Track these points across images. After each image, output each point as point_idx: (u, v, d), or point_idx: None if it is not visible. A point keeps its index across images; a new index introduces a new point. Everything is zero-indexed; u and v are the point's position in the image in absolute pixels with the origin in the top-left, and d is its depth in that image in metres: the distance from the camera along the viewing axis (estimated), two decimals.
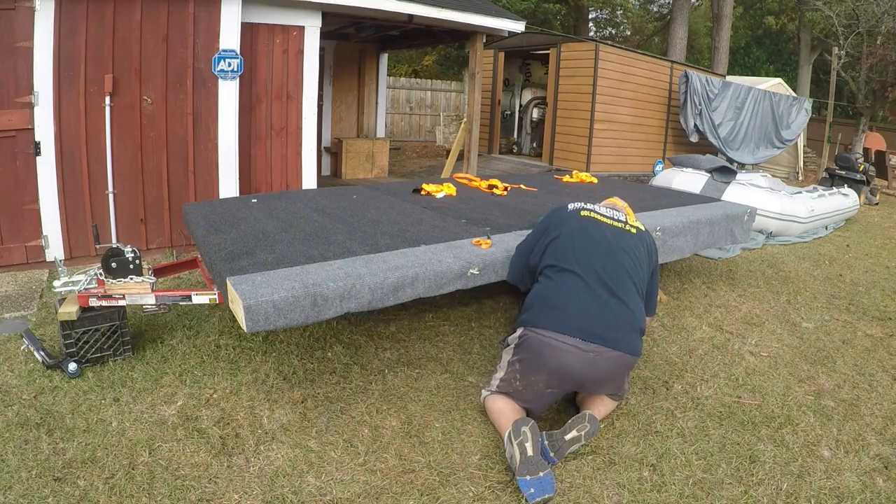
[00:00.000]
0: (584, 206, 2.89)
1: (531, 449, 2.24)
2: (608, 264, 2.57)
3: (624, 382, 2.67)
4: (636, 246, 2.73)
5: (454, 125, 14.87)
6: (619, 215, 2.88)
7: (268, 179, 5.56)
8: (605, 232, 2.70)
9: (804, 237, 6.90)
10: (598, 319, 2.43)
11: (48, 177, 4.35)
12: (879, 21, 14.75)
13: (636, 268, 2.65)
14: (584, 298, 2.47)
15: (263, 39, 5.25)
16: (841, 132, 16.29)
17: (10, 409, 2.61)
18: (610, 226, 2.76)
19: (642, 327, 2.57)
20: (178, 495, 2.15)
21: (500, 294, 4.23)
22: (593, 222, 2.75)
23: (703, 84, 9.86)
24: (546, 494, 2.15)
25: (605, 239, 2.66)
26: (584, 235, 2.68)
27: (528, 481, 2.17)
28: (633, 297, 2.56)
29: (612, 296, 2.49)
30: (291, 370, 3.06)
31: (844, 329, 4.07)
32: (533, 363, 2.46)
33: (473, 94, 7.19)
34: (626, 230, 2.77)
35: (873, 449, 2.64)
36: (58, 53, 4.21)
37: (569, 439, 2.33)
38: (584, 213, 2.81)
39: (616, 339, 2.42)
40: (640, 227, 2.87)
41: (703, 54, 24.54)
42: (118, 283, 2.93)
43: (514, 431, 2.30)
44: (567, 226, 2.75)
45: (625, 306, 2.50)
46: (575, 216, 2.80)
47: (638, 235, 2.79)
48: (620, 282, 2.54)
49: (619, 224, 2.79)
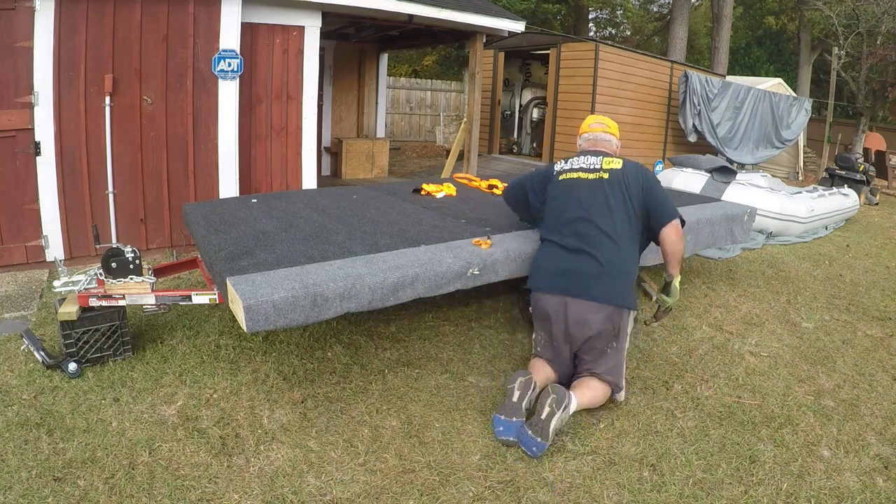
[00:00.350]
0: (563, 166, 3.09)
1: (517, 397, 2.55)
2: (581, 222, 2.83)
3: (611, 338, 2.73)
4: (614, 186, 2.88)
5: (454, 125, 14.88)
6: (594, 162, 3.01)
7: (268, 179, 5.56)
8: (578, 190, 2.94)
9: (804, 237, 6.89)
10: (567, 274, 2.75)
11: (48, 177, 4.35)
12: (879, 21, 14.74)
13: (616, 212, 2.82)
14: (558, 258, 2.83)
15: (263, 39, 5.25)
16: (841, 132, 16.29)
17: (10, 409, 2.61)
18: (584, 181, 2.95)
19: (624, 273, 2.77)
20: (178, 495, 2.15)
21: (500, 294, 4.22)
22: (568, 183, 3.00)
23: (702, 84, 9.86)
24: (510, 437, 2.46)
25: (578, 198, 2.90)
26: (562, 198, 2.98)
27: (501, 420, 2.51)
28: (609, 247, 2.75)
29: (583, 251, 2.76)
30: (291, 370, 3.06)
31: (844, 329, 4.07)
32: (536, 317, 2.89)
33: (473, 94, 7.19)
34: (600, 178, 2.93)
35: (873, 449, 2.64)
36: (58, 53, 4.21)
37: (545, 417, 2.45)
38: (562, 177, 3.04)
39: (585, 288, 2.70)
40: (615, 165, 2.96)
41: (703, 54, 24.54)
42: (118, 283, 2.93)
43: (512, 378, 2.65)
44: (550, 189, 3.06)
45: (594, 254, 2.73)
46: (556, 181, 3.06)
47: (613, 175, 2.92)
48: (591, 236, 2.78)
49: (592, 176, 2.95)
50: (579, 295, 2.69)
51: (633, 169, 2.97)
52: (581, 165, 3.02)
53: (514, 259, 3.05)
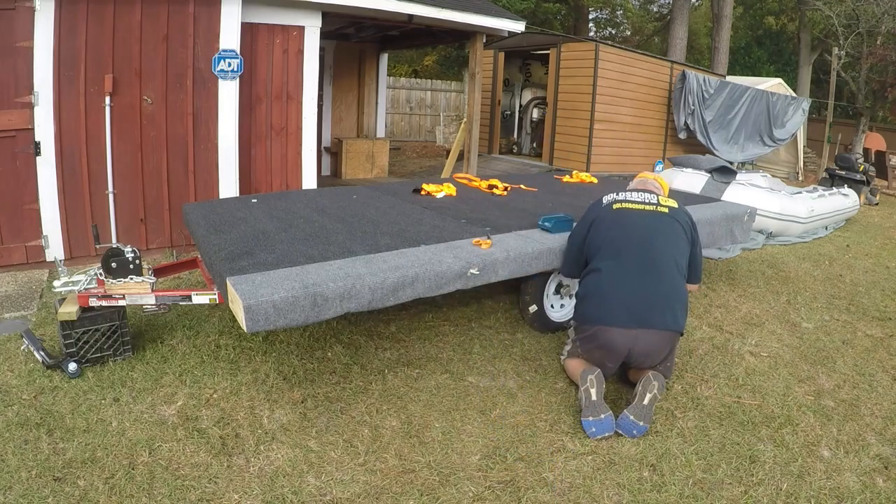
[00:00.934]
0: (616, 197, 3.09)
1: (595, 395, 2.63)
2: (642, 250, 2.84)
3: (669, 357, 2.90)
4: (669, 224, 2.94)
5: (454, 125, 14.87)
6: (649, 197, 3.05)
7: (268, 179, 5.56)
8: (636, 219, 2.95)
9: (804, 237, 6.89)
10: (636, 305, 2.75)
11: (48, 177, 4.35)
12: (879, 21, 14.74)
13: (671, 246, 2.89)
14: (624, 287, 2.79)
15: (263, 39, 5.25)
16: (841, 132, 16.29)
17: (10, 409, 2.61)
18: (641, 211, 2.98)
19: (683, 301, 2.84)
20: (178, 495, 2.15)
21: (500, 294, 4.22)
22: (625, 213, 2.99)
23: (699, 84, 9.88)
24: (606, 433, 2.57)
25: (637, 226, 2.91)
26: (619, 228, 2.95)
27: (590, 422, 2.60)
28: (669, 275, 2.82)
29: (648, 280, 2.79)
30: (291, 370, 3.06)
31: (844, 329, 4.07)
32: (590, 344, 2.88)
33: (473, 94, 7.19)
34: (657, 212, 2.98)
35: (873, 449, 2.64)
36: (58, 53, 4.21)
37: (647, 403, 2.64)
38: (616, 206, 3.03)
39: (653, 319, 2.74)
40: (672, 204, 3.03)
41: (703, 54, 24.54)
42: (118, 283, 2.93)
43: (581, 379, 2.71)
44: (603, 222, 3.02)
45: (661, 285, 2.79)
46: (608, 210, 3.04)
47: (671, 214, 2.99)
48: (654, 264, 2.82)
49: (650, 207, 2.99)
50: (651, 326, 2.74)
51: (686, 216, 3.08)
52: (635, 199, 3.06)
53: (514, 259, 3.06)
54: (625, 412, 2.64)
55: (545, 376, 3.16)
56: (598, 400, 2.63)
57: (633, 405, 2.64)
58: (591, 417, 2.60)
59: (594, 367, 2.77)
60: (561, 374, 3.20)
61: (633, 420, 2.60)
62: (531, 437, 2.61)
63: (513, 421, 2.73)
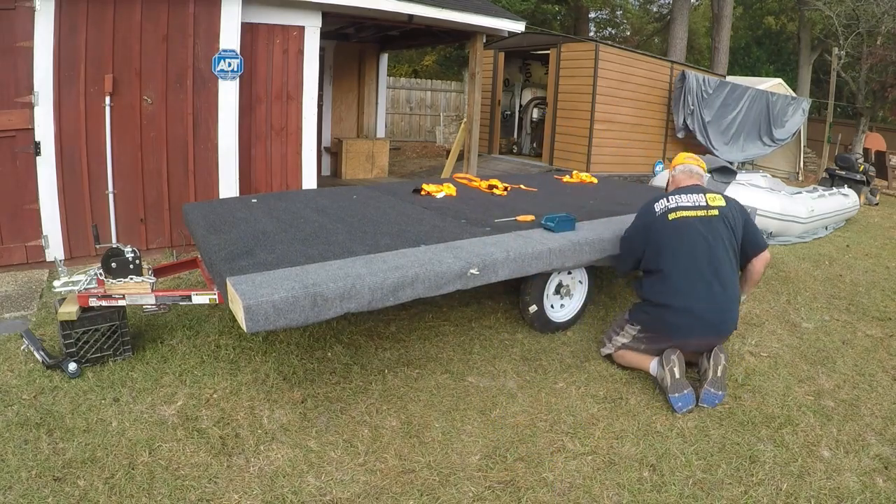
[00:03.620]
0: (669, 205, 3.14)
1: (678, 373, 2.88)
2: (708, 259, 3.00)
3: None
4: (723, 225, 3.08)
5: (454, 125, 14.87)
6: (699, 199, 3.12)
7: (268, 179, 5.56)
8: (696, 230, 3.05)
9: (804, 237, 6.89)
10: (711, 315, 2.96)
11: (48, 177, 4.35)
12: (879, 21, 14.74)
13: (728, 249, 3.05)
14: (699, 303, 2.96)
15: (263, 39, 5.25)
16: (841, 132, 16.29)
17: (10, 409, 2.61)
18: (696, 219, 3.07)
19: (739, 298, 3.11)
20: (178, 495, 2.15)
21: (499, 294, 4.22)
22: (683, 223, 3.07)
23: (699, 84, 9.88)
24: (689, 406, 2.83)
25: (698, 238, 3.03)
26: (681, 239, 3.05)
27: (675, 397, 2.84)
28: (730, 281, 3.02)
29: (715, 289, 2.97)
30: (291, 370, 3.06)
31: (844, 329, 4.07)
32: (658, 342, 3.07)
33: (473, 94, 7.18)
34: (709, 216, 3.08)
35: (873, 449, 2.64)
36: (58, 53, 4.21)
37: (721, 375, 2.91)
38: (672, 217, 3.10)
39: (720, 323, 3.00)
40: (720, 203, 3.14)
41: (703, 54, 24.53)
42: (118, 283, 2.93)
43: (665, 359, 2.94)
44: (662, 231, 3.10)
45: (725, 294, 2.99)
46: (664, 221, 3.11)
47: (721, 213, 3.10)
48: (717, 273, 2.99)
49: (702, 213, 3.09)
50: (722, 333, 3.04)
51: (735, 205, 3.18)
52: (686, 204, 3.12)
53: (514, 259, 3.06)
54: (705, 387, 2.88)
55: (545, 376, 3.16)
56: (681, 378, 2.88)
57: (710, 380, 2.90)
58: (676, 394, 2.84)
59: (674, 348, 2.98)
60: (561, 373, 3.20)
61: (713, 392, 2.88)
62: (531, 437, 2.61)
63: (513, 421, 2.73)
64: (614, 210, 4.16)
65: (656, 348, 3.09)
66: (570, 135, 9.36)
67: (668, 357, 2.93)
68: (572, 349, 3.50)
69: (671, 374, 2.90)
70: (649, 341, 3.12)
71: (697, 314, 2.95)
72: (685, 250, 3.02)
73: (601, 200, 4.61)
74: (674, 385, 2.87)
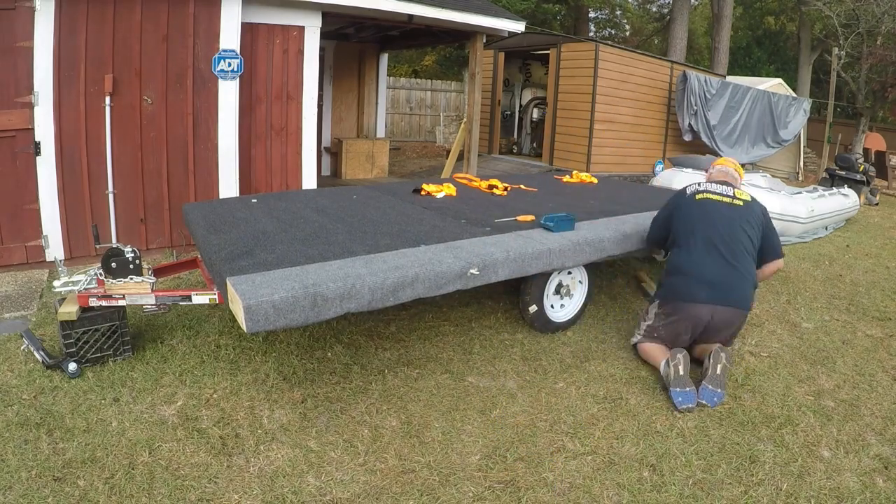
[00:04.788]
0: (699, 188, 3.47)
1: (682, 370, 3.00)
2: (723, 236, 3.23)
3: (735, 332, 3.35)
4: (745, 216, 3.32)
5: (454, 125, 14.87)
6: (727, 190, 3.41)
7: (268, 179, 5.56)
8: (718, 209, 3.32)
9: (804, 237, 6.89)
10: (717, 283, 3.15)
11: (48, 177, 4.35)
12: (879, 21, 14.73)
13: (745, 235, 3.26)
14: (706, 271, 3.18)
15: (263, 39, 5.25)
16: (841, 132, 16.28)
17: (10, 409, 2.61)
18: (720, 202, 3.34)
19: (752, 284, 3.27)
20: (178, 495, 2.15)
21: (500, 294, 4.22)
22: (709, 203, 3.36)
23: (700, 84, 9.87)
24: (689, 404, 2.89)
25: (718, 217, 3.29)
26: (703, 215, 3.32)
27: (677, 392, 2.93)
28: (742, 261, 3.21)
29: (727, 262, 3.17)
30: (291, 370, 3.06)
31: (844, 329, 4.07)
32: (674, 317, 3.25)
33: (473, 94, 7.18)
34: (734, 204, 3.34)
35: (873, 449, 2.64)
36: (58, 53, 4.21)
37: (720, 373, 3.00)
38: (699, 197, 3.40)
39: (729, 298, 3.15)
40: (746, 198, 3.40)
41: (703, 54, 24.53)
42: (118, 283, 2.93)
43: (671, 357, 3.07)
44: (688, 208, 3.40)
45: (736, 270, 3.17)
46: (692, 200, 3.42)
47: (745, 206, 3.35)
48: (732, 250, 3.20)
49: (727, 199, 3.36)
50: (726, 303, 3.15)
51: (759, 206, 3.43)
52: (716, 190, 3.41)
53: (514, 259, 3.06)
54: (703, 384, 2.98)
55: (545, 376, 3.16)
56: (685, 375, 2.99)
57: (709, 377, 2.99)
58: (678, 389, 2.93)
59: (681, 349, 3.12)
60: (561, 373, 3.20)
61: (711, 389, 2.95)
62: (531, 437, 2.61)
63: (513, 421, 2.73)
64: (614, 210, 4.16)
65: (672, 332, 3.24)
66: (570, 135, 9.36)
67: (675, 355, 3.06)
68: (572, 349, 3.50)
69: (675, 370, 3.01)
70: (666, 318, 3.28)
71: (706, 279, 3.16)
72: (704, 225, 3.29)
73: (601, 200, 4.60)
74: (676, 380, 2.97)
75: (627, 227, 3.71)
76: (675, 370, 3.01)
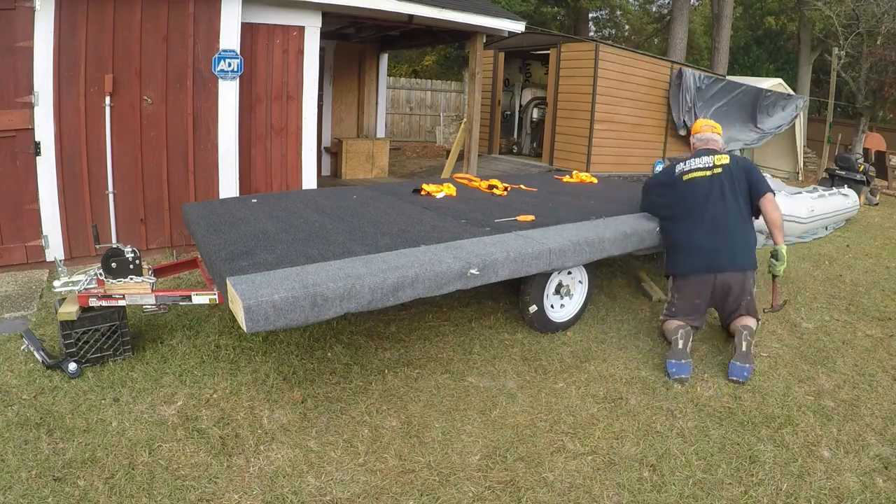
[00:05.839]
0: (684, 168, 3.72)
1: (682, 344, 3.26)
2: (710, 208, 3.51)
3: (744, 294, 3.48)
4: (727, 180, 3.56)
5: (454, 125, 14.88)
6: (708, 161, 3.65)
7: (268, 179, 5.56)
8: (703, 184, 3.59)
9: (804, 237, 6.89)
10: (709, 252, 3.45)
11: (48, 177, 4.35)
12: (879, 21, 14.73)
13: (731, 197, 3.52)
14: (698, 241, 3.49)
15: (263, 39, 5.25)
16: (841, 132, 16.28)
17: (10, 409, 2.61)
18: (703, 178, 3.61)
19: (747, 242, 3.52)
20: (178, 495, 2.15)
21: (500, 294, 4.22)
22: (693, 182, 3.63)
23: (695, 81, 9.90)
24: (682, 375, 3.15)
25: (703, 193, 3.56)
26: (690, 192, 3.62)
27: (672, 363, 3.20)
28: (732, 227, 3.48)
29: (718, 231, 3.46)
30: (291, 370, 3.06)
31: (844, 329, 4.07)
32: (683, 289, 3.56)
33: (473, 94, 7.18)
34: (715, 174, 3.60)
35: (873, 449, 2.64)
36: (58, 53, 4.21)
37: (745, 350, 3.23)
38: (686, 178, 3.67)
39: (725, 262, 3.44)
40: (725, 161, 3.63)
41: (703, 54, 24.52)
42: (118, 283, 2.93)
43: (674, 331, 3.37)
44: (677, 188, 3.69)
45: (728, 236, 3.46)
46: (680, 180, 3.70)
47: (725, 170, 3.60)
48: (722, 218, 3.48)
49: (708, 172, 3.62)
50: (724, 269, 3.43)
51: (735, 160, 3.67)
52: (698, 165, 3.67)
53: (514, 259, 3.05)
54: (732, 361, 3.21)
55: (545, 376, 3.16)
56: (683, 348, 3.24)
57: (736, 354, 3.23)
58: (673, 360, 3.19)
59: (685, 324, 3.42)
60: (561, 373, 3.20)
61: (739, 365, 3.17)
62: (531, 437, 2.61)
63: (513, 421, 2.73)
64: (614, 210, 4.16)
65: (686, 304, 3.52)
66: (570, 135, 9.35)
67: (678, 330, 3.35)
68: (572, 349, 3.50)
69: (675, 343, 3.27)
70: (678, 290, 3.58)
71: (697, 250, 3.47)
72: (693, 201, 3.58)
73: (601, 200, 4.60)
74: (674, 352, 3.23)
75: (627, 227, 3.71)
76: (674, 343, 3.28)
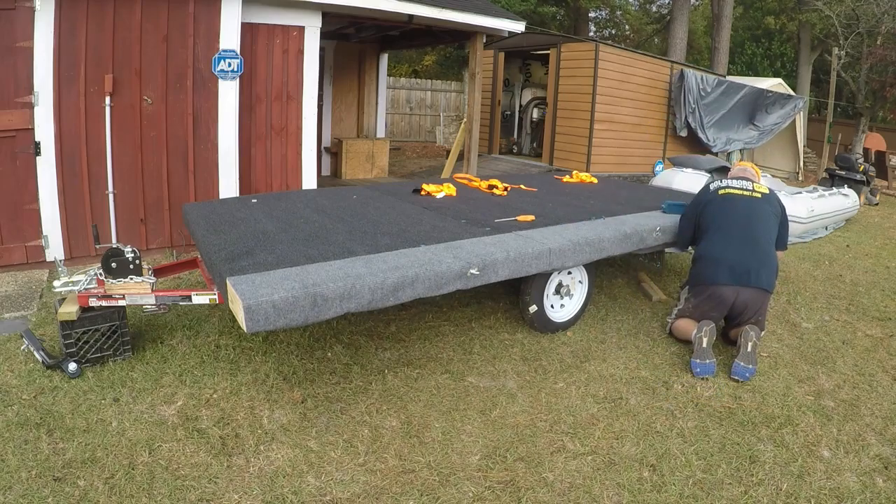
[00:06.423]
0: (721, 185, 3.83)
1: (706, 343, 3.29)
2: (743, 225, 3.58)
3: (760, 312, 3.50)
4: (763, 207, 3.67)
5: (454, 125, 14.88)
6: (747, 185, 3.77)
7: (268, 179, 5.56)
8: (739, 201, 3.68)
9: (804, 237, 6.89)
10: (738, 267, 3.45)
11: (48, 177, 4.35)
12: (879, 21, 14.73)
13: (763, 223, 3.61)
14: (728, 255, 3.50)
15: (263, 39, 5.25)
16: (841, 132, 16.28)
17: (10, 409, 2.61)
18: (741, 196, 3.70)
19: (773, 266, 3.55)
20: (178, 495, 2.15)
21: (500, 294, 4.22)
22: (729, 197, 3.72)
23: (697, 82, 9.90)
24: (707, 374, 3.22)
25: (739, 209, 3.65)
26: (724, 209, 3.69)
27: (696, 363, 3.25)
28: (762, 247, 3.52)
29: (747, 248, 3.49)
30: (291, 370, 3.06)
31: (844, 329, 4.07)
32: (702, 297, 3.56)
33: (473, 94, 7.18)
34: (753, 197, 3.70)
35: (873, 449, 2.64)
36: (58, 53, 4.21)
37: (751, 350, 3.25)
38: (722, 192, 3.76)
39: (751, 279, 3.42)
40: (764, 191, 3.75)
41: (703, 54, 24.52)
42: (118, 283, 2.93)
43: (698, 329, 3.36)
44: (712, 203, 3.75)
45: (756, 254, 3.48)
46: (715, 195, 3.77)
47: (764, 198, 3.71)
48: (752, 236, 3.54)
49: (747, 193, 3.72)
50: (749, 284, 3.42)
51: (776, 198, 3.79)
52: (735, 185, 3.78)
53: (514, 259, 3.05)
54: (736, 361, 3.23)
55: (545, 376, 3.17)
56: (707, 348, 3.27)
57: (741, 354, 3.25)
58: (698, 360, 3.24)
59: (708, 322, 3.38)
60: (561, 373, 3.20)
61: (743, 365, 3.19)
62: (531, 437, 2.61)
63: (513, 421, 2.73)
64: (614, 210, 4.16)
65: (701, 313, 3.51)
66: (570, 135, 9.36)
67: (702, 328, 3.33)
68: (572, 349, 3.50)
69: (699, 342, 3.30)
70: (695, 298, 3.59)
71: (728, 263, 3.45)
72: (726, 216, 3.63)
73: (601, 200, 4.60)
74: (699, 352, 3.27)
75: (627, 227, 3.71)
76: (698, 342, 3.31)
